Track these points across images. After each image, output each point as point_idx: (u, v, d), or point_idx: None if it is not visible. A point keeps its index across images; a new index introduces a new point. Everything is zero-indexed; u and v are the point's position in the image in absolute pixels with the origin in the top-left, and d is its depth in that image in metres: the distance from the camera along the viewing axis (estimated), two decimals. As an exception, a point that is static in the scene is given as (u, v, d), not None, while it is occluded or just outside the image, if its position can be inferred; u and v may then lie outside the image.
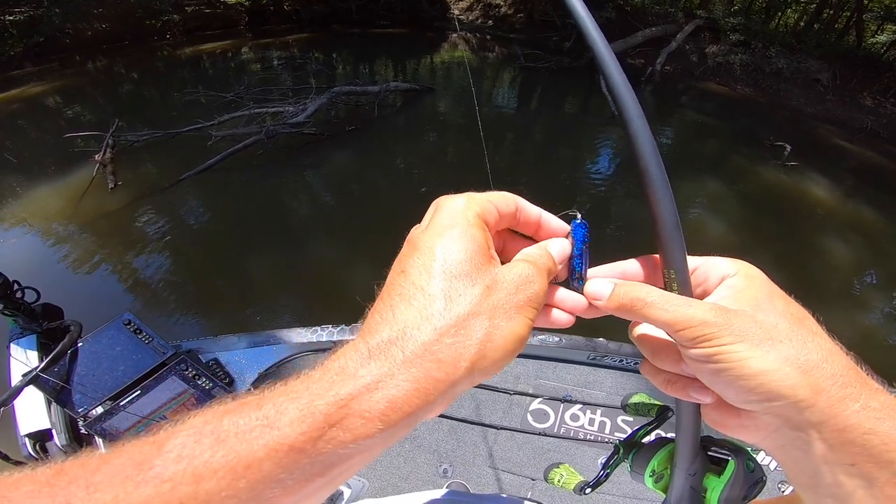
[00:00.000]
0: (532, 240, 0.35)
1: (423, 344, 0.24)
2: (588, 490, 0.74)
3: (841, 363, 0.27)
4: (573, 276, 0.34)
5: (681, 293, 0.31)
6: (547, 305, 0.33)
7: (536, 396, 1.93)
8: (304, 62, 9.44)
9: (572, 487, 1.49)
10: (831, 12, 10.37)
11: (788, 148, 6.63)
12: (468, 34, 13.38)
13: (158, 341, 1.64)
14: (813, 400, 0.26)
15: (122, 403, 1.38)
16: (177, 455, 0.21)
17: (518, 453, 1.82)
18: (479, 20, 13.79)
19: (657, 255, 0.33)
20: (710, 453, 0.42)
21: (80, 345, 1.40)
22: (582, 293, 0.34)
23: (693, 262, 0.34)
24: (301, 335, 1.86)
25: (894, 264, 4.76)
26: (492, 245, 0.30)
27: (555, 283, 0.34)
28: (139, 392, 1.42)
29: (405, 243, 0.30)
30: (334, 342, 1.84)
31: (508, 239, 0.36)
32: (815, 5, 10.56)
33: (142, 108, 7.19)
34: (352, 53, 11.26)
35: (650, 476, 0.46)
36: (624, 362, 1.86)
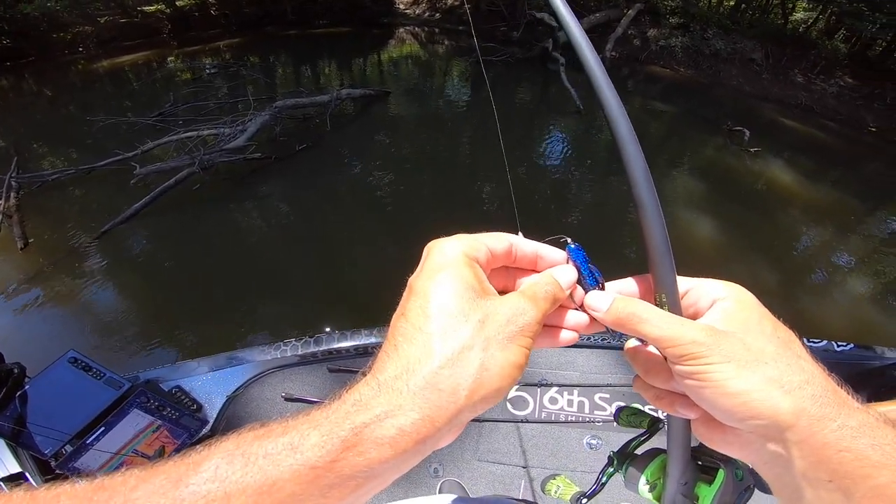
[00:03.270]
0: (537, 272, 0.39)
1: (424, 377, 0.28)
2: (585, 501, 0.81)
3: (822, 385, 0.30)
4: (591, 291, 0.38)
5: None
6: (558, 328, 0.37)
7: None
8: (238, 69, 9.13)
9: (568, 498, 1.57)
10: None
11: (747, 133, 7.04)
12: (416, 29, 13.53)
13: (111, 376, 1.62)
14: (794, 420, 0.29)
15: (88, 441, 1.36)
16: (211, 475, 0.23)
17: (504, 443, 1.91)
18: (426, 14, 14.00)
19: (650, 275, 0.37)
20: (700, 462, 0.45)
21: (27, 387, 1.37)
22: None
23: (686, 283, 0.37)
24: (265, 353, 1.87)
25: (871, 244, 5.23)
26: (484, 280, 0.33)
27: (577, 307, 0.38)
28: (103, 429, 1.41)
29: (406, 289, 0.34)
30: (299, 356, 1.86)
31: (517, 274, 0.39)
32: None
33: (52, 135, 6.60)
34: (291, 56, 11.08)
35: (644, 486, 0.49)
36: (592, 339, 1.99)
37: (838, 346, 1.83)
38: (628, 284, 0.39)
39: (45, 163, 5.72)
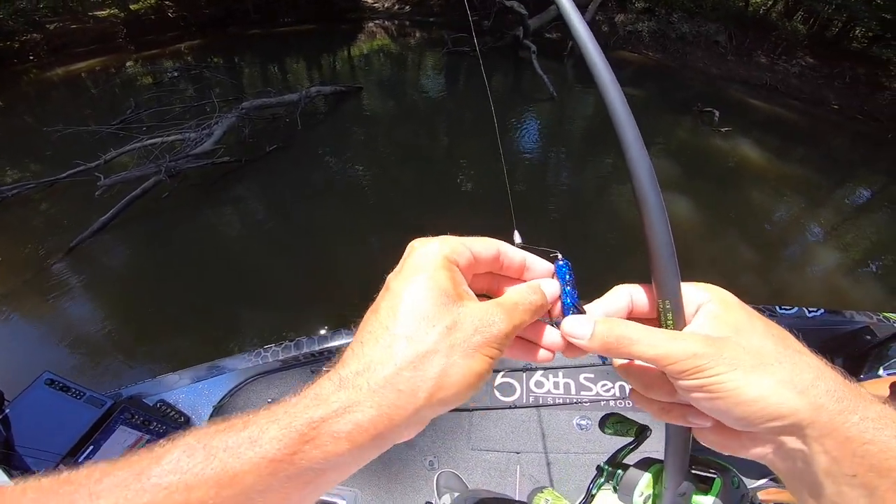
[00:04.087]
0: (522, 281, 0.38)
1: (384, 377, 0.28)
2: None
3: (832, 378, 0.30)
4: (567, 314, 0.36)
5: (675, 323, 0.34)
6: (534, 343, 0.37)
7: (498, 371, 2.08)
8: (201, 71, 8.85)
9: None
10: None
11: (717, 113, 7.28)
12: (386, 22, 13.41)
13: (92, 394, 1.61)
14: (814, 417, 0.28)
15: (79, 460, 1.36)
16: (172, 467, 0.24)
17: (495, 430, 1.96)
18: (396, 6, 13.89)
19: (645, 285, 0.36)
20: (695, 472, 0.45)
21: (7, 411, 1.35)
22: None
23: None
24: (246, 360, 1.88)
25: (838, 216, 5.52)
26: (461, 285, 0.33)
27: (549, 322, 0.37)
28: (92, 447, 1.40)
29: (383, 286, 0.33)
30: (281, 361, 1.87)
31: (503, 281, 0.38)
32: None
33: (8, 148, 6.30)
34: (257, 56, 10.84)
35: (639, 497, 0.50)
36: None
37: (809, 312, 1.93)
38: (617, 297, 0.37)
39: (3, 177, 5.47)
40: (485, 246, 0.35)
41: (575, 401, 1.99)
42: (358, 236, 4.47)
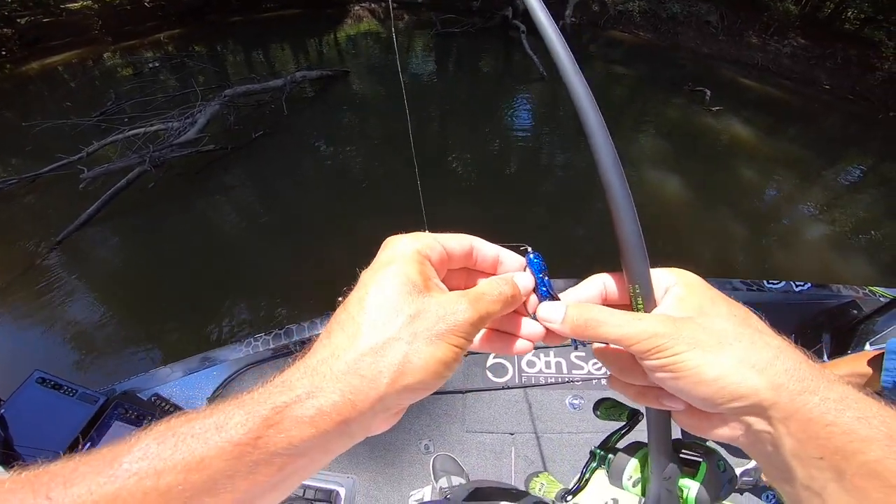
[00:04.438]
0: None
1: (346, 363, 0.29)
2: (570, 497, 0.82)
3: (792, 358, 0.30)
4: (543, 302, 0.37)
5: (645, 306, 0.35)
6: (511, 334, 0.38)
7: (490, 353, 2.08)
8: (182, 61, 8.65)
9: (553, 496, 1.64)
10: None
11: (708, 93, 7.33)
12: (373, 5, 13.15)
13: (84, 391, 1.61)
14: (774, 397, 0.29)
15: (79, 458, 1.38)
16: (142, 454, 0.25)
17: (489, 412, 1.99)
18: (383, -12, 13.54)
19: (618, 273, 0.37)
20: (682, 456, 0.46)
21: (2, 411, 1.35)
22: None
23: None
24: (237, 350, 1.88)
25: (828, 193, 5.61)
26: (431, 278, 0.34)
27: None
28: (88, 444, 1.42)
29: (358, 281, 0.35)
30: (272, 350, 1.88)
31: (478, 276, 0.40)
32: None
33: None
34: (240, 43, 10.62)
35: (628, 481, 0.51)
36: None
37: (797, 286, 1.96)
38: (589, 285, 0.38)
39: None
40: (457, 241, 0.37)
41: (567, 380, 2.02)
42: (347, 221, 4.45)
